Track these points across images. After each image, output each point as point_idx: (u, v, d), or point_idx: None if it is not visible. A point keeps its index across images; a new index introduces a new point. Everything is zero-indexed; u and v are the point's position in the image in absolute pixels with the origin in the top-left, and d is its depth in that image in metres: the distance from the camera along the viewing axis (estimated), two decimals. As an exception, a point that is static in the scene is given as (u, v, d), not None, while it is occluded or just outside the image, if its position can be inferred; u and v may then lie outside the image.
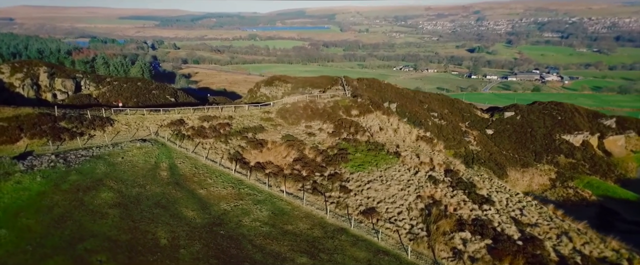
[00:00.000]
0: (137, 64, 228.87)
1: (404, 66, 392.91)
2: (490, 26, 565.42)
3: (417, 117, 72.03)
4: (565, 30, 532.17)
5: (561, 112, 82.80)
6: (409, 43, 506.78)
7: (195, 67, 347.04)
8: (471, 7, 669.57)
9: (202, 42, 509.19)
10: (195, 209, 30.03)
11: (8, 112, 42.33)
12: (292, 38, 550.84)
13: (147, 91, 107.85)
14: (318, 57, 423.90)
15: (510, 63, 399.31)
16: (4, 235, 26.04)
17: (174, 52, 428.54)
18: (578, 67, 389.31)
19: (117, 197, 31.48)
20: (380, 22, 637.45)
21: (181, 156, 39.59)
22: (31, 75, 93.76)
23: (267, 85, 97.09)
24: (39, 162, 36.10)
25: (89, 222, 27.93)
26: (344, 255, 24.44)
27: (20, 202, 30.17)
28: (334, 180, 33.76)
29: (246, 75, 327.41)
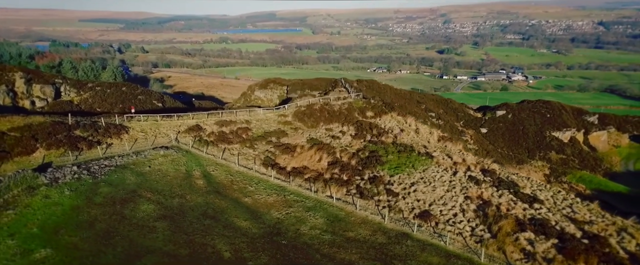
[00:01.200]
0: (108, 68, 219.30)
1: (378, 68, 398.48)
2: (456, 28, 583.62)
3: (418, 117, 73.01)
4: (525, 32, 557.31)
5: (549, 109, 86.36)
6: (380, 45, 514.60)
7: (167, 71, 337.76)
8: (438, 10, 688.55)
9: (172, 46, 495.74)
10: (247, 218, 28.94)
11: (19, 121, 39.34)
12: (264, 41, 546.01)
13: (132, 96, 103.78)
14: (292, 60, 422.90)
15: (478, 64, 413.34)
16: (50, 255, 24.13)
17: (142, 55, 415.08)
18: (540, 67, 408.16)
19: (159, 209, 29.91)
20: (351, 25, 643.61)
21: (211, 163, 38.16)
22: (6, 81, 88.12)
23: (261, 88, 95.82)
24: (61, 175, 33.81)
25: (139, 237, 26.35)
26: (418, 261, 24.21)
27: (55, 218, 28.09)
28: (377, 183, 33.52)
29: (221, 78, 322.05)
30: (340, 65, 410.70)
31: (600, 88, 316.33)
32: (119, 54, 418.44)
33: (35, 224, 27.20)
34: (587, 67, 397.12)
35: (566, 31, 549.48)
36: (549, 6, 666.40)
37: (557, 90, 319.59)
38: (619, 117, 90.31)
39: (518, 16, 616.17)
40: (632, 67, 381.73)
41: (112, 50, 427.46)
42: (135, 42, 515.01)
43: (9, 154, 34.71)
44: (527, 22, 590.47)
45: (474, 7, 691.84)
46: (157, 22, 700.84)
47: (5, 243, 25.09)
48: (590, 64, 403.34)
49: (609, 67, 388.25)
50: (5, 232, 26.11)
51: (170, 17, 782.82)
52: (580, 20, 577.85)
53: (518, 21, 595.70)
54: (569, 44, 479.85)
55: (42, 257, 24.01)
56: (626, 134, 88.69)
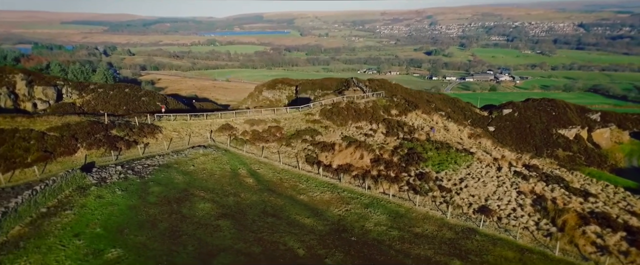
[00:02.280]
0: (99, 71, 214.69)
1: (368, 69, 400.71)
2: (443, 30, 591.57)
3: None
4: (509, 34, 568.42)
5: (555, 107, 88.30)
6: (369, 47, 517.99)
7: (156, 74, 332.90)
8: (424, 12, 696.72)
9: (158, 48, 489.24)
10: (309, 216, 28.82)
11: (56, 121, 38.33)
12: (252, 43, 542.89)
13: (136, 98, 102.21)
14: (282, 62, 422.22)
15: (466, 65, 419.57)
16: (123, 255, 23.65)
17: (129, 58, 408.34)
18: (525, 68, 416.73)
19: (217, 208, 29.58)
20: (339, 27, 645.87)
21: (254, 162, 37.89)
22: (6, 84, 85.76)
23: (269, 89, 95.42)
24: (108, 174, 33.15)
25: (207, 236, 26.02)
26: (493, 256, 24.48)
27: (114, 218, 27.53)
28: (426, 179, 33.81)
29: (212, 81, 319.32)
30: (330, 67, 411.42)
31: (584, 88, 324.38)
32: (105, 56, 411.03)
33: (97, 224, 26.60)
34: (570, 67, 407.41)
35: (548, 33, 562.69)
36: (531, 8, 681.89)
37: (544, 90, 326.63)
38: (619, 115, 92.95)
39: (502, 18, 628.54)
40: (612, 67, 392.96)
41: (97, 52, 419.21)
42: (120, 44, 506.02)
43: (51, 154, 33.80)
44: (511, 24, 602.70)
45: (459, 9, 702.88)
46: (142, 24, 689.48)
47: (73, 243, 24.49)
48: (573, 65, 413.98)
49: (591, 68, 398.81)
50: (70, 233, 25.49)
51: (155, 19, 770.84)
52: (561, 22, 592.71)
53: (502, 23, 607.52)
54: (552, 45, 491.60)
55: (114, 257, 23.51)
56: (626, 130, 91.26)
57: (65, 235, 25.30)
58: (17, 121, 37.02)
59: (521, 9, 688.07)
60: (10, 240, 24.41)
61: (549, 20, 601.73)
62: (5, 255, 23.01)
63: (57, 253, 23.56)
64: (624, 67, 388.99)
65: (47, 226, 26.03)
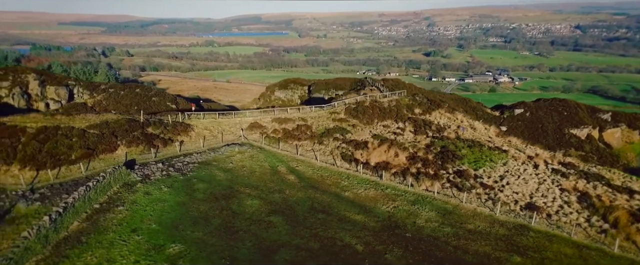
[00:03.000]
0: (101, 72, 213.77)
1: (367, 70, 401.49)
2: (440, 31, 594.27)
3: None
4: (507, 35, 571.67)
5: (566, 107, 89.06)
6: (367, 48, 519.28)
7: (156, 75, 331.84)
8: (421, 14, 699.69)
9: (157, 49, 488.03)
10: (358, 212, 29.07)
11: (94, 119, 38.38)
12: (250, 44, 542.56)
13: (147, 98, 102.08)
14: (281, 63, 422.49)
15: (464, 66, 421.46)
16: (184, 250, 23.84)
17: (128, 59, 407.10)
18: (524, 69, 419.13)
19: (265, 204, 29.78)
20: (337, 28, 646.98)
21: (290, 159, 38.11)
22: (19, 83, 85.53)
23: (281, 89, 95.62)
24: (150, 171, 33.28)
25: (262, 232, 26.22)
26: (552, 252, 24.74)
27: (167, 214, 27.69)
28: (466, 177, 34.18)
29: (212, 81, 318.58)
30: (330, 68, 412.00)
31: (583, 89, 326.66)
32: (103, 57, 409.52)
33: (151, 220, 26.75)
34: (568, 69, 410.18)
35: (545, 34, 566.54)
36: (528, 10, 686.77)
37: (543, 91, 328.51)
38: (629, 115, 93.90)
39: (499, 20, 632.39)
40: (610, 69, 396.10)
41: (96, 53, 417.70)
42: (118, 45, 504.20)
43: (94, 151, 33.86)
44: (508, 25, 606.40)
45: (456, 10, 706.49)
46: (140, 25, 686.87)
47: (132, 238, 24.64)
48: (571, 66, 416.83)
49: (589, 69, 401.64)
50: (127, 228, 25.63)
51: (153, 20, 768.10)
52: (558, 24, 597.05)
53: (499, 25, 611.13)
54: (549, 46, 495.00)
55: (176, 252, 23.67)
56: (636, 130, 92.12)
57: (123, 230, 25.42)
58: (57, 119, 37.06)
59: (518, 10, 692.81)
60: (72, 235, 24.52)
61: (545, 22, 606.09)
62: (71, 250, 23.13)
63: (120, 248, 23.69)
64: (621, 68, 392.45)
65: (103, 222, 26.14)
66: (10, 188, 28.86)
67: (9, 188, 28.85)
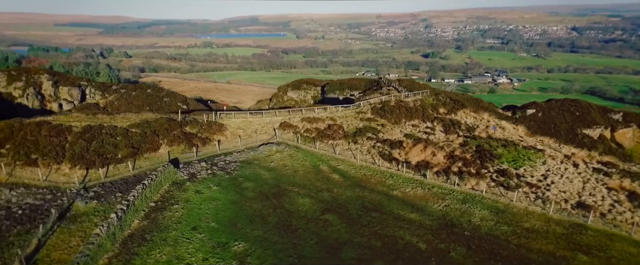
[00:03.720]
0: (103, 73, 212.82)
1: (366, 71, 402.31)
2: (438, 33, 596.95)
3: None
4: (504, 37, 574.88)
5: (578, 108, 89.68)
6: (366, 49, 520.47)
7: (156, 76, 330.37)
8: (419, 15, 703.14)
9: (155, 50, 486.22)
10: (411, 211, 29.29)
11: (134, 118, 38.39)
12: (248, 45, 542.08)
13: (158, 99, 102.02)
14: (280, 64, 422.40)
15: (463, 67, 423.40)
16: (249, 248, 24.06)
17: (127, 60, 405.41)
18: (522, 70, 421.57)
19: (316, 203, 29.99)
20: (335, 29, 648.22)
21: (329, 158, 38.31)
22: (33, 84, 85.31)
23: (294, 89, 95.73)
24: (195, 170, 33.42)
25: (321, 230, 26.44)
26: (617, 251, 24.98)
27: (222, 212, 27.88)
28: (509, 176, 34.56)
29: (212, 82, 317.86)
30: (329, 69, 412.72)
31: (581, 90, 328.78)
32: (102, 58, 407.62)
33: (209, 218, 26.90)
34: (565, 70, 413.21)
35: (542, 36, 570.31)
36: (524, 12, 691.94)
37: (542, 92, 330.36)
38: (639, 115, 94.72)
39: (496, 21, 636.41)
40: (607, 70, 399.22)
41: (94, 54, 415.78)
42: (116, 46, 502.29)
43: (138, 150, 33.89)
44: (505, 27, 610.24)
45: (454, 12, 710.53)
46: (137, 27, 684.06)
47: (195, 236, 24.78)
48: (569, 67, 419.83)
49: (587, 70, 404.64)
50: (187, 226, 25.75)
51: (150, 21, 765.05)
52: (554, 26, 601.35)
53: (496, 26, 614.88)
54: (547, 48, 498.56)
55: (241, 250, 23.80)
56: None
57: (184, 228, 25.51)
58: (99, 118, 37.03)
59: (514, 12, 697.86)
60: (135, 233, 24.59)
61: (542, 24, 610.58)
62: (138, 247, 23.20)
63: (185, 246, 23.78)
64: (618, 69, 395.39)
65: (162, 220, 26.22)
66: (63, 186, 28.84)
67: (63, 186, 28.82)
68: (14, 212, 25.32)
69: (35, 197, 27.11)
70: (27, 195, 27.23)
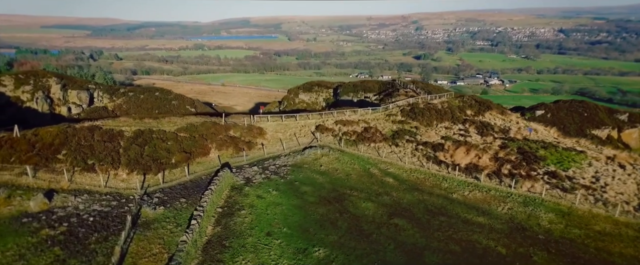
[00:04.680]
0: (98, 75, 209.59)
1: (359, 73, 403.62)
2: (429, 35, 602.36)
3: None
4: (493, 38, 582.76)
5: (586, 109, 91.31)
6: (358, 51, 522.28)
7: (149, 78, 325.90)
8: (409, 17, 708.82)
9: (146, 53, 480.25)
10: (477, 214, 29.40)
11: (180, 122, 37.79)
12: (240, 47, 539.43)
13: (167, 101, 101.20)
14: (274, 66, 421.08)
15: (455, 69, 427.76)
16: (330, 254, 24.03)
17: (118, 63, 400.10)
18: (512, 72, 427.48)
19: (380, 207, 29.98)
20: (327, 31, 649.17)
21: (377, 162, 38.31)
22: (41, 87, 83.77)
23: (305, 91, 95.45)
24: (249, 175, 33.17)
25: (395, 235, 26.45)
26: None
27: (290, 217, 27.65)
28: (560, 178, 34.92)
29: (206, 85, 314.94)
30: (323, 71, 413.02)
31: (571, 91, 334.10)
32: (92, 61, 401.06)
33: (279, 223, 26.73)
34: (555, 71, 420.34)
35: (530, 38, 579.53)
36: (512, 14, 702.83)
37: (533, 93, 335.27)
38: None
39: (485, 23, 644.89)
40: (594, 71, 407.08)
41: (85, 57, 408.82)
42: (105, 48, 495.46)
43: (190, 154, 33.36)
44: (494, 29, 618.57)
45: (443, 14, 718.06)
46: (126, 29, 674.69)
47: (272, 242, 24.63)
48: (558, 69, 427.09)
49: (575, 72, 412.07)
50: (260, 232, 25.53)
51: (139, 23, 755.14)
52: (542, 28, 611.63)
53: (485, 28, 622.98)
54: (535, 49, 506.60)
55: (322, 255, 23.64)
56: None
57: (259, 234, 25.24)
58: (145, 122, 36.35)
59: (503, 14, 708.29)
60: (213, 239, 24.27)
61: (530, 26, 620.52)
62: (221, 254, 22.89)
63: (267, 252, 23.51)
64: (605, 71, 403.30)
65: (234, 225, 25.89)
66: (125, 192, 28.23)
67: (124, 192, 28.22)
68: (84, 219, 24.69)
69: (100, 204, 26.48)
70: (92, 201, 26.57)
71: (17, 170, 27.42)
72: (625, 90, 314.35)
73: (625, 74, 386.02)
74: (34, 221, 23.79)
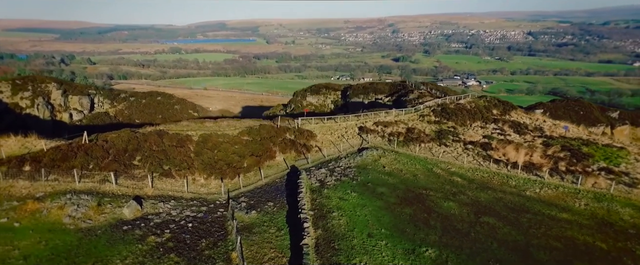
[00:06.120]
0: (78, 80, 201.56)
1: (341, 75, 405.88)
2: (405, 38, 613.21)
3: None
4: (467, 41, 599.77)
5: (582, 107, 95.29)
6: (337, 54, 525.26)
7: (126, 83, 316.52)
8: (385, 20, 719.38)
9: (120, 57, 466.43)
10: (559, 211, 30.05)
11: (237, 125, 36.76)
12: (218, 51, 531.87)
13: (170, 106, 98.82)
14: (254, 69, 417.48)
15: (433, 70, 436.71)
16: (440, 254, 23.90)
17: (92, 67, 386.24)
18: (488, 73, 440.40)
19: (462, 206, 30.34)
20: (305, 34, 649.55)
21: (436, 161, 38.69)
22: (41, 93, 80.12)
23: (313, 94, 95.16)
24: (320, 177, 32.74)
25: (493, 233, 26.74)
26: None
27: (382, 218, 27.44)
28: (617, 173, 36.25)
29: (188, 89, 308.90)
30: (304, 74, 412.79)
31: (544, 91, 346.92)
32: (64, 65, 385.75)
33: (374, 224, 26.73)
34: (527, 72, 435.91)
35: (502, 40, 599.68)
36: (484, 17, 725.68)
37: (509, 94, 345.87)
38: (632, 113, 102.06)
39: (459, 26, 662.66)
40: (563, 72, 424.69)
41: (55, 61, 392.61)
42: (76, 53, 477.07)
43: (260, 158, 32.54)
44: (468, 31, 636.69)
45: (418, 17, 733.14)
46: (97, 32, 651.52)
47: (378, 243, 24.73)
48: (529, 70, 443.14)
49: (546, 72, 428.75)
50: (361, 233, 25.45)
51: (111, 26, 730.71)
52: (512, 31, 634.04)
53: (459, 31, 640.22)
54: (507, 51, 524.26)
55: (434, 255, 23.68)
56: (639, 127, 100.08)
57: (361, 236, 25.01)
58: (206, 125, 35.19)
59: (475, 17, 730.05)
60: (320, 242, 23.87)
61: (501, 29, 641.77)
62: (335, 257, 22.60)
63: (378, 253, 23.31)
64: (572, 71, 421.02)
65: (332, 228, 25.55)
66: (209, 197, 27.25)
67: (209, 197, 27.22)
68: (183, 225, 23.68)
69: (191, 209, 25.46)
70: (181, 207, 25.51)
71: (97, 178, 25.94)
72: (593, 89, 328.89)
73: (591, 74, 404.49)
74: (134, 228, 22.61)
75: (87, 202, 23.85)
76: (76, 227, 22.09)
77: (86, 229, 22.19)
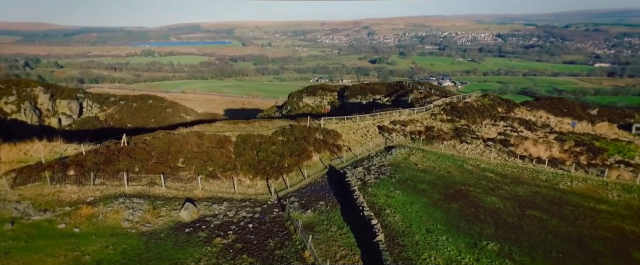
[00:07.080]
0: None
1: (319, 77, 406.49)
2: (380, 40, 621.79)
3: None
4: (440, 43, 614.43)
5: (565, 105, 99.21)
6: (314, 56, 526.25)
7: (99, 87, 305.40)
8: (360, 23, 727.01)
9: (89, 60, 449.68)
10: (596, 202, 31.12)
11: (270, 125, 36.06)
12: (193, 53, 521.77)
13: (161, 109, 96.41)
14: (232, 72, 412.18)
15: (409, 72, 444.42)
16: (502, 247, 24.16)
17: (59, 71, 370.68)
18: (461, 74, 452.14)
19: (504, 200, 30.88)
20: (281, 37, 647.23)
21: (464, 158, 39.36)
22: (28, 97, 76.49)
23: (309, 95, 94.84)
24: (359, 176, 32.70)
25: (543, 225, 27.27)
26: None
27: (432, 214, 27.60)
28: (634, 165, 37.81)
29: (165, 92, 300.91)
30: (283, 76, 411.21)
31: (515, 91, 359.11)
32: (29, 69, 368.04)
33: (427, 220, 26.88)
34: (498, 73, 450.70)
35: (473, 42, 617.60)
36: (455, 20, 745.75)
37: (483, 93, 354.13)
38: (608, 109, 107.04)
39: (431, 29, 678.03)
40: (532, 72, 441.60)
41: (19, 65, 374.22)
42: (41, 56, 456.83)
43: (299, 158, 32.01)
44: (440, 34, 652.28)
45: (392, 20, 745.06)
46: (63, 35, 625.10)
47: (438, 238, 24.79)
48: (500, 70, 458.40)
49: (516, 73, 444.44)
50: (419, 229, 25.58)
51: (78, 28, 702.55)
52: (482, 33, 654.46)
53: (432, 33, 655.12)
54: (479, 53, 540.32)
55: (497, 248, 24.02)
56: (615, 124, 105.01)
57: (420, 231, 25.13)
58: (240, 127, 34.28)
59: (446, 20, 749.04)
60: (384, 240, 23.50)
61: (471, 31, 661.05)
62: (403, 252, 22.67)
63: (442, 248, 23.50)
64: (540, 72, 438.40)
65: (390, 224, 25.51)
66: (259, 198, 26.52)
67: (259, 198, 26.49)
68: (243, 226, 22.94)
69: (245, 210, 24.73)
70: (235, 208, 24.74)
71: (144, 180, 24.73)
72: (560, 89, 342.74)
73: (557, 74, 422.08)
74: (196, 230, 21.74)
75: (141, 205, 22.73)
76: (138, 231, 20.99)
77: (148, 232, 21.13)
